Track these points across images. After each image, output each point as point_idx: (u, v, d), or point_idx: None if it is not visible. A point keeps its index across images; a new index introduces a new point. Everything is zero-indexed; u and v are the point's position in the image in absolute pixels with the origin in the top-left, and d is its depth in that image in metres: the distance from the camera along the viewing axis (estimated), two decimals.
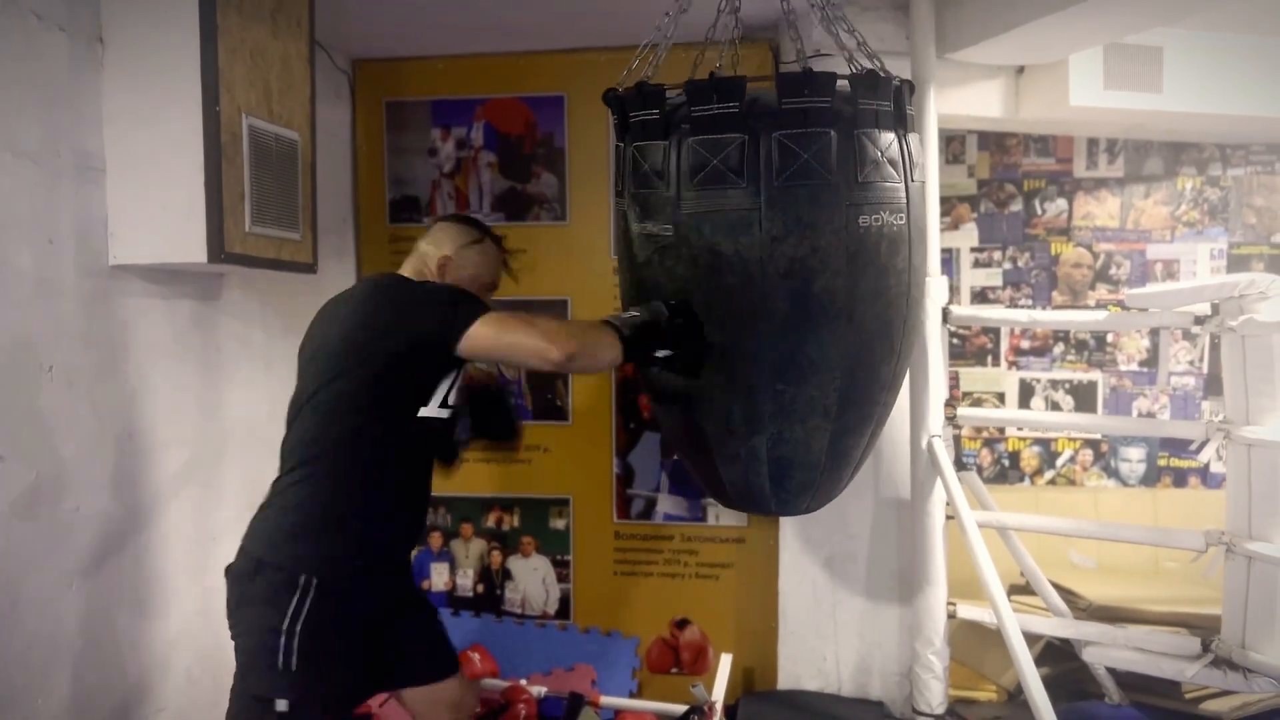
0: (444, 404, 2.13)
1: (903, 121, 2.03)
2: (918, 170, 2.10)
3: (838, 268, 1.92)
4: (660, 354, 2.08)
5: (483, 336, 1.96)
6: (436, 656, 2.34)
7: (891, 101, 1.99)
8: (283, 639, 1.93)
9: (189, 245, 2.38)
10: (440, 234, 2.34)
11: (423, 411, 2.08)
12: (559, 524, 3.74)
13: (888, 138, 1.97)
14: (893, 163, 1.97)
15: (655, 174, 1.96)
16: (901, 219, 2.00)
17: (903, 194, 1.99)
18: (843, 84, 1.95)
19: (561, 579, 3.74)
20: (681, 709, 3.20)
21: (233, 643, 2.06)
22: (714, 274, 1.94)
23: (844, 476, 2.21)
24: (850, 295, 1.95)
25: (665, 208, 1.95)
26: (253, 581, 2.01)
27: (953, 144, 3.96)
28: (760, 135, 1.87)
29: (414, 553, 2.35)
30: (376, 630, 2.13)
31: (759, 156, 1.87)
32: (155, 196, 2.40)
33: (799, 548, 3.45)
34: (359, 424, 2.04)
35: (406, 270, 2.30)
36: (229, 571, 2.09)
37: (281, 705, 1.92)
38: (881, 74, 1.99)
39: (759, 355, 1.98)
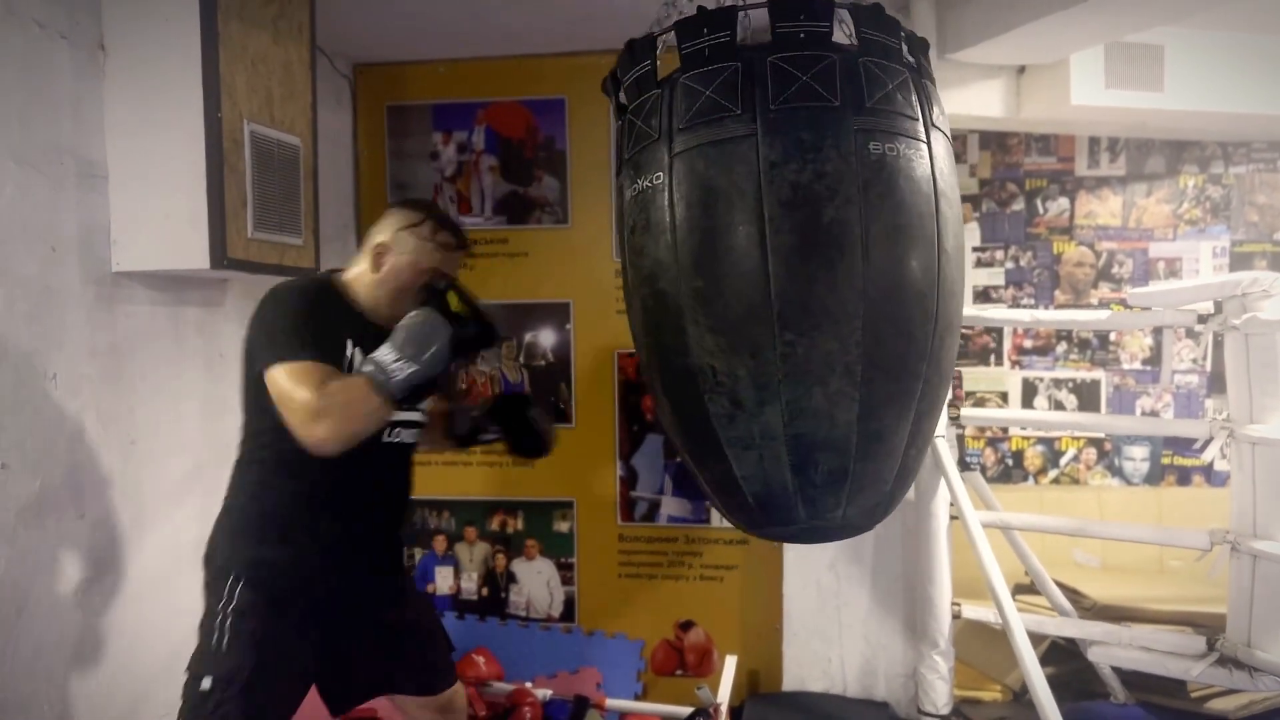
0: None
1: (917, 64, 1.92)
2: (939, 114, 1.95)
3: (849, 195, 1.73)
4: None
5: (271, 383, 1.93)
6: (435, 668, 2.34)
7: (900, 40, 1.88)
8: (218, 619, 2.00)
9: (192, 252, 2.38)
10: (383, 219, 2.20)
11: None
12: (563, 527, 3.74)
13: (898, 71, 1.85)
14: (905, 96, 1.84)
15: (649, 128, 1.84)
16: (922, 155, 1.83)
17: (922, 130, 1.85)
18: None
19: (566, 582, 3.74)
20: (687, 711, 3.19)
21: None
22: (708, 213, 1.77)
23: (886, 472, 1.86)
24: (865, 229, 1.74)
25: (657, 156, 1.82)
26: (204, 570, 2.10)
27: (954, 144, 3.95)
28: (754, 62, 1.76)
29: (385, 554, 2.26)
30: (339, 627, 2.14)
31: (753, 82, 1.75)
32: (158, 203, 2.40)
33: (803, 549, 3.44)
34: (263, 428, 2.04)
35: (353, 263, 2.20)
36: None
37: (205, 683, 1.96)
38: (883, 9, 1.88)
39: (763, 302, 1.73)
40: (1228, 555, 2.71)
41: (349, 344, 2.03)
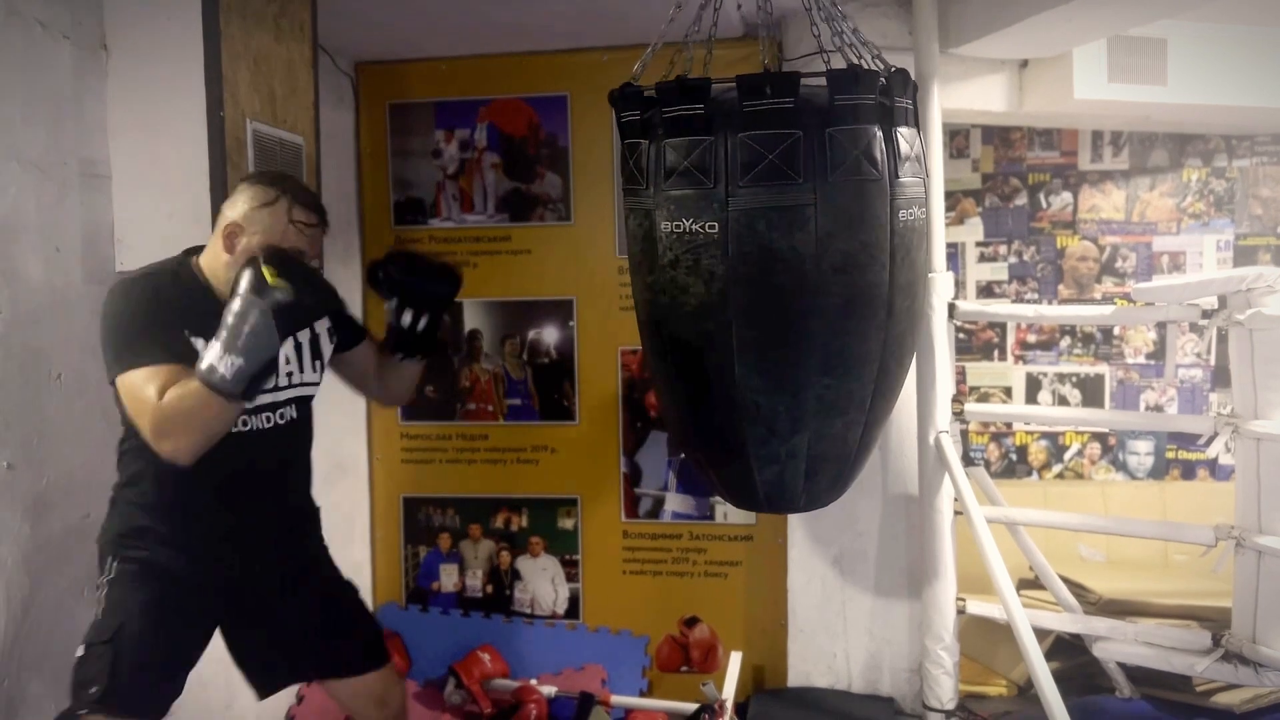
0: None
1: (917, 118, 2.09)
2: (926, 165, 2.15)
3: (883, 261, 1.94)
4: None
5: (120, 393, 1.93)
6: (349, 646, 2.36)
7: (911, 98, 2.03)
8: (99, 592, 2.06)
9: None
10: (234, 195, 2.09)
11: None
12: (567, 524, 3.74)
13: (912, 133, 2.01)
14: (918, 158, 2.02)
15: (699, 170, 1.92)
16: (923, 213, 2.05)
17: (923, 189, 2.04)
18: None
19: (570, 579, 3.75)
20: (692, 707, 3.20)
21: None
22: (766, 271, 1.91)
23: (861, 467, 2.23)
24: (891, 288, 1.97)
25: (710, 205, 1.91)
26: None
27: (957, 138, 3.95)
28: (812, 131, 1.86)
29: (273, 539, 2.24)
30: (228, 613, 2.19)
31: (813, 153, 1.87)
32: (161, 203, 2.40)
33: (808, 545, 3.45)
34: (131, 430, 2.04)
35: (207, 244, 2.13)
36: None
37: (80, 650, 1.99)
38: (909, 76, 2.03)
39: (808, 352, 1.97)
40: (1232, 551, 2.71)
41: (199, 336, 1.96)
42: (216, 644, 2.86)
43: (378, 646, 2.43)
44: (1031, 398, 3.99)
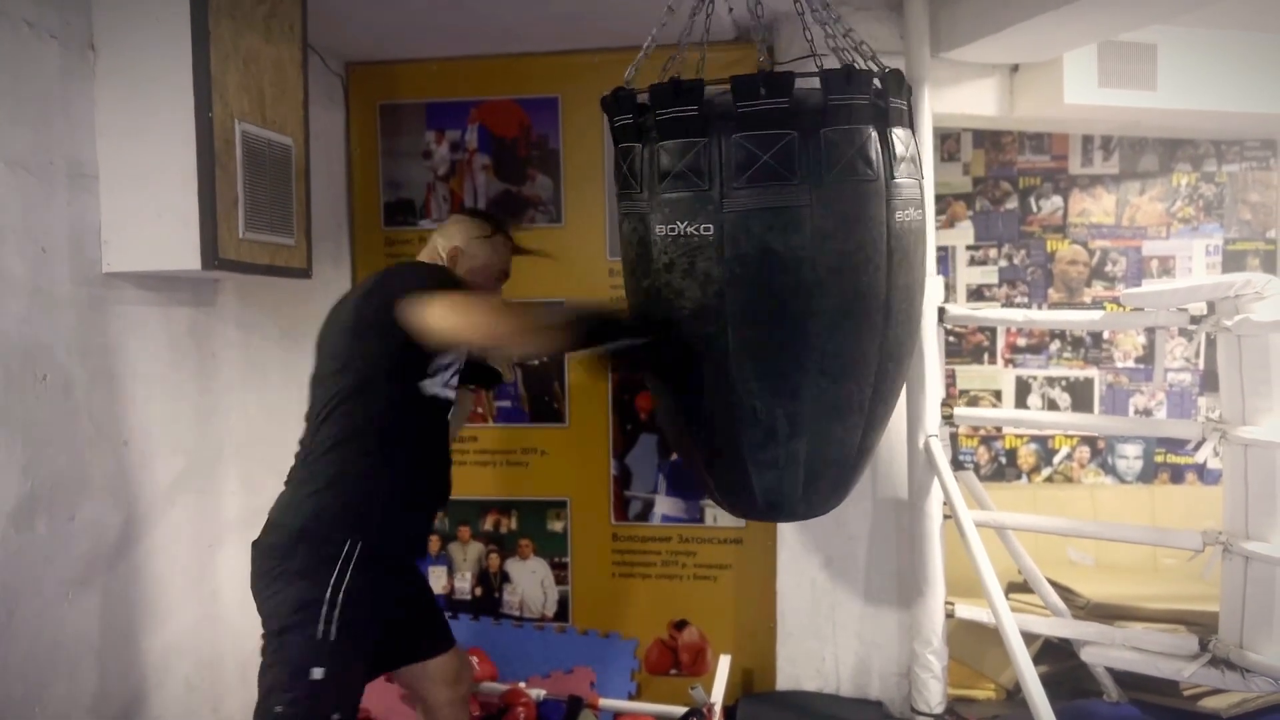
0: (448, 384, 2.22)
1: (912, 119, 2.09)
2: (923, 167, 2.17)
3: (879, 263, 1.94)
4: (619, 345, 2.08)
5: (433, 304, 2.00)
6: (437, 629, 2.42)
7: (905, 100, 2.02)
8: (324, 609, 1.99)
9: (183, 252, 2.37)
10: (453, 227, 2.42)
11: (426, 385, 2.16)
12: (557, 526, 3.73)
13: (908, 134, 2.00)
14: (914, 159, 2.01)
15: (693, 173, 1.91)
16: (921, 214, 2.03)
17: (918, 190, 2.02)
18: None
19: (560, 581, 3.74)
20: (681, 711, 3.19)
21: (261, 615, 2.08)
22: (762, 272, 1.91)
23: (860, 474, 2.21)
24: (889, 289, 1.97)
25: (705, 207, 1.90)
26: (293, 553, 2.06)
27: (948, 142, 3.96)
28: (807, 132, 1.86)
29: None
30: (403, 604, 2.24)
31: (808, 153, 1.86)
32: (149, 203, 2.39)
33: (797, 549, 3.45)
34: (368, 399, 2.12)
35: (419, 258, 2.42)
36: (257, 545, 2.13)
37: (318, 673, 1.96)
38: (904, 77, 2.03)
39: (806, 353, 1.95)
40: (1220, 556, 2.72)
41: None
42: (204, 647, 2.86)
43: (447, 624, 2.47)
44: (1021, 401, 4.00)
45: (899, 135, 1.96)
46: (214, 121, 2.38)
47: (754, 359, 1.96)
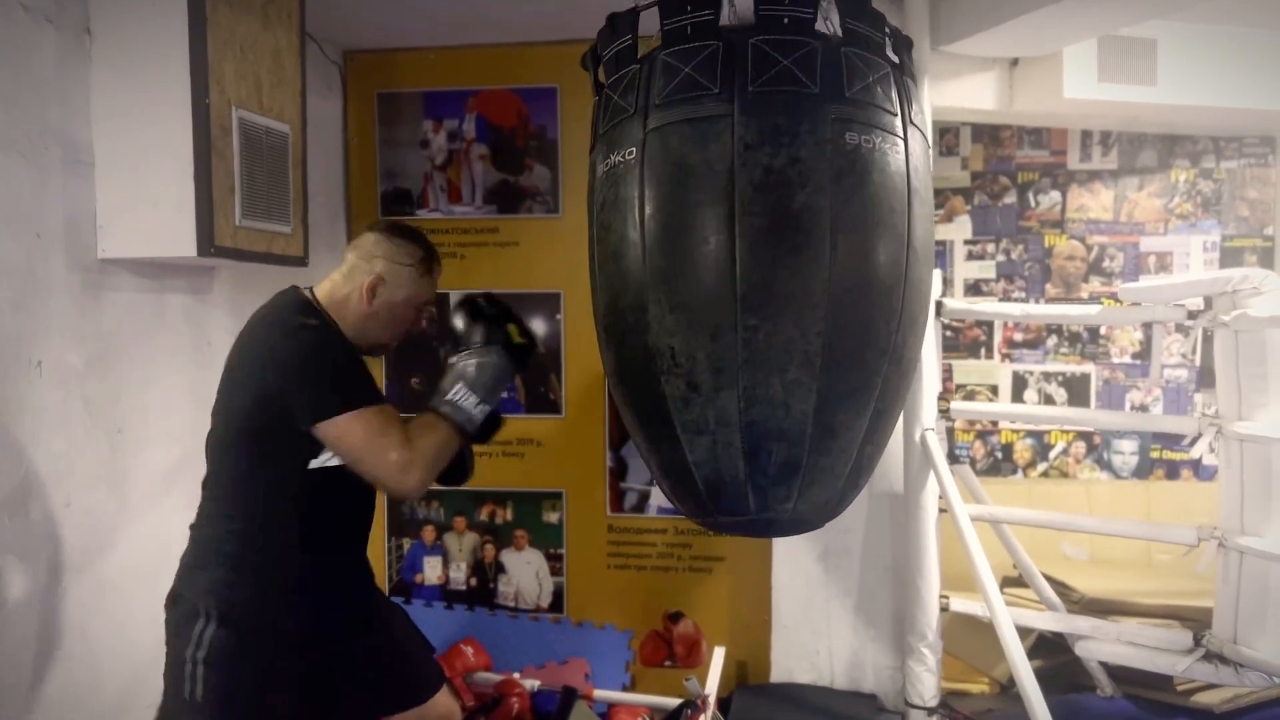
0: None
1: (900, 62, 1.90)
2: (917, 112, 1.92)
3: (820, 184, 1.71)
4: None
5: (340, 433, 1.89)
6: (420, 677, 2.30)
7: (885, 34, 1.86)
8: (188, 668, 1.93)
9: (178, 239, 2.36)
10: (376, 248, 2.12)
11: (314, 464, 1.97)
12: (552, 517, 3.73)
13: (880, 64, 1.82)
14: (885, 90, 1.81)
15: (625, 103, 1.79)
16: (898, 150, 1.80)
17: (899, 125, 1.82)
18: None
19: (555, 572, 3.74)
20: (675, 702, 3.20)
21: None
22: (679, 189, 1.73)
23: (839, 467, 1.86)
24: (835, 218, 1.71)
25: (631, 131, 1.78)
26: (170, 611, 2.02)
27: (946, 136, 3.95)
28: (736, 43, 1.73)
29: (360, 580, 2.24)
30: (319, 664, 2.06)
31: (733, 63, 1.72)
32: (144, 190, 2.38)
33: (792, 541, 3.44)
34: (246, 468, 1.99)
35: (328, 284, 2.13)
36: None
37: None
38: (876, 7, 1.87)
39: (727, 283, 1.71)
40: (1215, 551, 2.72)
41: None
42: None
43: (437, 665, 2.39)
44: (1017, 396, 4.00)
45: (861, 57, 1.78)
46: (211, 108, 2.37)
47: (667, 290, 1.74)
